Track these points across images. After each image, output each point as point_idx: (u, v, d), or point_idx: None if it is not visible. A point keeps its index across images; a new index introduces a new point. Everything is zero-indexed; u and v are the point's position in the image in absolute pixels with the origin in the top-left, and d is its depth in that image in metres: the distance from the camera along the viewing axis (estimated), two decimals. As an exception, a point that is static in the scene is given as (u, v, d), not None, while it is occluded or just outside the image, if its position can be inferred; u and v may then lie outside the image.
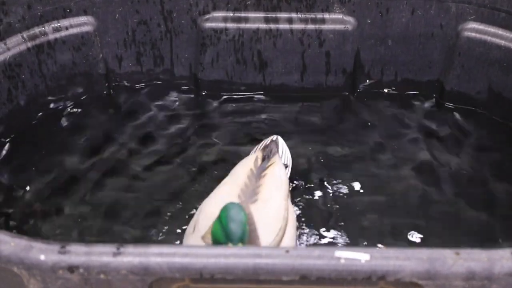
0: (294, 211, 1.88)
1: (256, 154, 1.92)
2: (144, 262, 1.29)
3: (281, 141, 2.01)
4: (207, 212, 1.71)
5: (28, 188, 2.05)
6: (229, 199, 1.65)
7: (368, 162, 2.16)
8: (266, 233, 1.65)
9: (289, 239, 1.73)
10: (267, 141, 2.00)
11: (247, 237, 1.52)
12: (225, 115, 2.36)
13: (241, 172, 1.83)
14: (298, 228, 1.89)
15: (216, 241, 1.54)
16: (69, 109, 2.36)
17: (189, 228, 1.75)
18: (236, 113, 2.37)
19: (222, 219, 1.51)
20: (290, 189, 1.93)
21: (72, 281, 1.31)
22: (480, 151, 2.20)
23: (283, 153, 2.00)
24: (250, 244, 1.56)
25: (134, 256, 1.30)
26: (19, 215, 1.97)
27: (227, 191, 1.76)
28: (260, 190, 1.75)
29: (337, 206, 1.99)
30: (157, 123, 2.32)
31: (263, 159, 1.89)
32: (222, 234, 1.50)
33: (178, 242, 1.87)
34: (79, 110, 2.36)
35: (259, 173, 1.81)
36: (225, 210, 1.52)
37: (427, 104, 2.39)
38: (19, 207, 1.99)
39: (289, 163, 2.01)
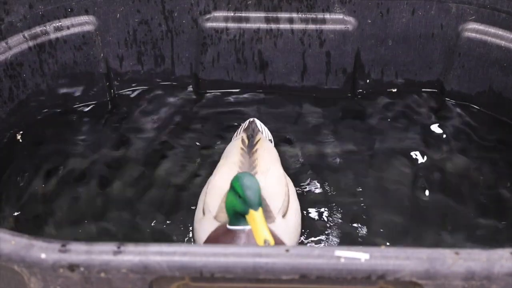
0: (290, 181, 1.92)
1: (240, 135, 1.98)
2: (144, 260, 1.30)
3: (258, 122, 2.07)
4: (214, 191, 1.77)
5: (27, 187, 2.05)
6: (230, 177, 1.71)
7: (368, 161, 2.16)
8: (274, 199, 1.74)
9: (294, 209, 1.80)
10: (245, 124, 2.06)
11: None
12: (225, 115, 2.36)
13: (234, 153, 1.89)
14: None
15: (233, 213, 1.62)
16: (70, 108, 2.36)
17: (198, 214, 1.79)
18: (236, 112, 2.37)
19: (237, 188, 1.58)
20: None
21: (73, 280, 1.31)
22: (480, 150, 2.20)
23: (264, 130, 2.06)
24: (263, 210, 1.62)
25: (134, 255, 1.30)
26: (18, 214, 1.97)
27: (227, 170, 1.82)
28: (257, 163, 1.83)
29: (337, 205, 1.99)
30: (158, 122, 2.32)
31: (248, 139, 1.95)
32: (239, 203, 1.58)
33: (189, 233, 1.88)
34: (80, 109, 2.36)
35: (249, 150, 1.89)
36: (237, 180, 1.60)
37: (427, 104, 2.39)
38: (19, 206, 2.00)
39: (272, 139, 2.08)
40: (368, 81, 2.42)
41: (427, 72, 2.39)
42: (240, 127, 2.07)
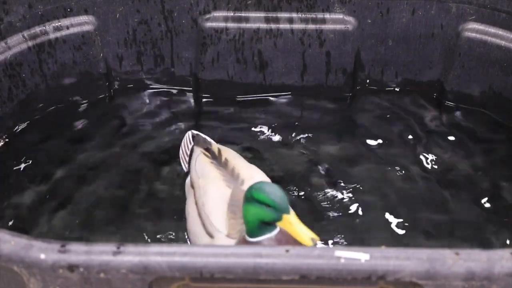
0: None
1: (199, 151, 1.92)
2: (144, 261, 1.29)
3: (195, 133, 2.01)
4: (215, 211, 1.73)
5: (26, 186, 2.05)
6: (224, 192, 1.72)
7: (368, 161, 2.16)
8: None
9: None
10: (186, 140, 2.00)
11: None
12: (225, 115, 2.36)
13: (208, 169, 1.85)
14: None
15: (258, 225, 1.57)
16: (69, 108, 2.36)
17: (202, 240, 1.74)
18: (236, 112, 2.37)
19: (264, 199, 1.54)
20: None
21: (72, 280, 1.31)
22: (480, 150, 2.20)
23: (206, 137, 2.01)
24: None
25: (134, 255, 1.30)
26: (18, 214, 1.97)
27: (214, 188, 1.79)
28: (238, 172, 1.80)
29: (337, 205, 1.99)
30: (157, 122, 2.32)
31: (208, 151, 1.91)
32: (269, 213, 1.54)
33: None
34: (79, 109, 2.36)
35: (219, 162, 1.86)
36: (259, 191, 1.55)
37: (427, 104, 2.39)
38: (18, 205, 1.99)
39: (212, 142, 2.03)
40: (368, 81, 2.42)
41: (427, 72, 2.39)
42: (184, 145, 2.00)
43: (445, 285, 1.29)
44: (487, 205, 2.00)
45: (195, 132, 2.01)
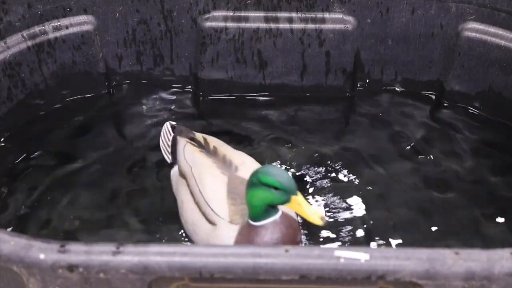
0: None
1: (183, 140, 1.93)
2: (144, 261, 1.29)
3: (173, 122, 2.02)
4: (216, 198, 1.74)
5: (25, 186, 2.05)
6: (220, 179, 1.75)
7: (368, 161, 2.15)
8: None
9: None
10: (165, 131, 2.00)
11: None
12: (225, 115, 2.36)
13: (200, 158, 1.86)
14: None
15: (265, 209, 1.62)
16: (69, 108, 2.36)
17: (203, 228, 1.75)
18: (236, 112, 2.36)
19: (271, 182, 1.57)
20: None
21: (72, 280, 1.31)
22: (480, 150, 2.20)
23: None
24: None
25: (133, 255, 1.30)
26: (18, 214, 1.97)
27: (209, 175, 1.80)
28: (229, 159, 1.83)
29: (336, 205, 1.99)
30: (157, 122, 2.32)
31: (193, 140, 1.92)
32: (277, 196, 1.58)
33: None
34: (79, 109, 2.36)
35: (209, 150, 1.88)
36: (266, 175, 1.58)
37: (427, 104, 2.39)
38: (18, 206, 1.99)
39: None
40: (367, 80, 2.42)
41: (427, 71, 2.39)
42: (163, 136, 2.00)
43: (445, 285, 1.29)
44: (487, 204, 2.00)
45: (173, 122, 2.02)
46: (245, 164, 1.82)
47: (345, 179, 2.08)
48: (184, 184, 1.86)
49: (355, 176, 2.09)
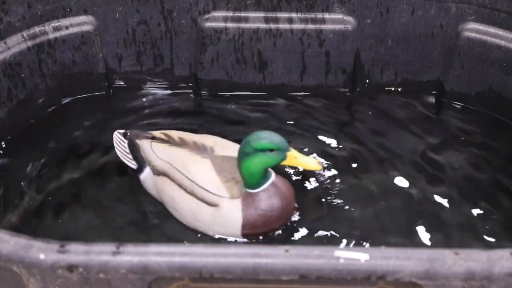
0: None
1: (146, 141, 1.96)
2: (144, 261, 1.29)
3: (120, 130, 2.05)
4: (209, 181, 1.81)
5: (26, 186, 2.05)
6: (203, 163, 1.83)
7: (368, 161, 2.15)
8: None
9: None
10: (119, 139, 2.03)
11: None
12: (224, 115, 2.36)
13: (173, 151, 1.90)
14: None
15: (263, 175, 1.74)
16: (68, 108, 2.36)
17: (205, 211, 1.81)
18: (235, 112, 2.36)
19: (267, 145, 1.70)
20: None
21: (72, 280, 1.31)
22: (480, 150, 2.20)
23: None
24: None
25: (133, 255, 1.30)
26: (17, 214, 1.97)
27: (193, 162, 1.85)
28: (201, 143, 1.90)
29: (336, 205, 1.99)
30: (157, 122, 2.32)
31: (154, 138, 1.96)
32: (274, 157, 1.72)
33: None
34: (79, 109, 2.36)
35: (176, 142, 1.92)
36: (259, 140, 1.71)
37: (427, 104, 2.39)
38: (18, 205, 1.99)
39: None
40: (367, 80, 2.42)
41: (426, 72, 2.39)
42: (118, 146, 2.02)
43: (445, 285, 1.29)
44: (487, 204, 2.00)
45: (121, 130, 2.04)
46: (217, 143, 1.91)
47: (345, 179, 2.08)
48: (167, 181, 1.89)
49: (355, 176, 2.09)
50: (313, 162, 1.76)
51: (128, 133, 2.02)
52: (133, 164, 2.00)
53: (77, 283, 1.31)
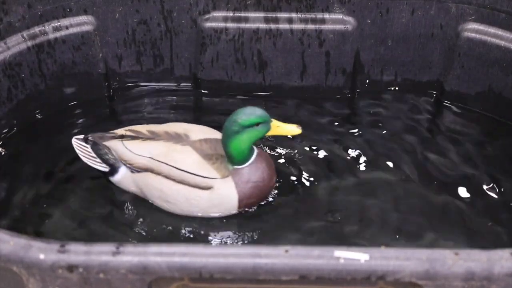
0: None
1: (116, 142, 1.95)
2: (144, 261, 1.29)
3: (79, 136, 2.01)
4: (198, 166, 1.86)
5: (26, 186, 2.05)
6: (184, 150, 1.88)
7: (368, 161, 2.15)
8: None
9: None
10: (81, 145, 1.99)
11: None
12: (224, 115, 2.35)
13: (150, 145, 1.92)
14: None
15: (249, 150, 1.84)
16: (68, 109, 2.36)
17: (200, 194, 1.85)
18: (236, 113, 2.36)
19: (253, 120, 1.79)
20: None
21: (72, 280, 1.31)
22: (480, 150, 2.20)
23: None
24: None
25: (133, 255, 1.30)
26: (18, 214, 1.97)
27: (175, 152, 1.89)
28: (173, 132, 1.93)
29: (336, 205, 1.99)
30: (157, 122, 2.31)
31: (123, 136, 1.96)
32: (260, 129, 1.81)
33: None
34: (79, 109, 2.36)
35: (148, 136, 1.94)
36: (246, 116, 1.79)
37: (427, 104, 2.39)
38: (18, 205, 1.99)
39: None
40: (367, 81, 2.42)
41: (426, 72, 2.39)
42: (83, 152, 1.99)
43: (445, 285, 1.29)
44: (487, 205, 2.00)
45: (80, 136, 2.00)
46: (189, 129, 1.96)
47: (345, 179, 2.08)
48: (150, 175, 1.90)
49: (354, 176, 2.09)
50: (293, 127, 1.86)
51: (90, 137, 1.99)
52: (103, 167, 1.97)
53: (77, 283, 1.31)
